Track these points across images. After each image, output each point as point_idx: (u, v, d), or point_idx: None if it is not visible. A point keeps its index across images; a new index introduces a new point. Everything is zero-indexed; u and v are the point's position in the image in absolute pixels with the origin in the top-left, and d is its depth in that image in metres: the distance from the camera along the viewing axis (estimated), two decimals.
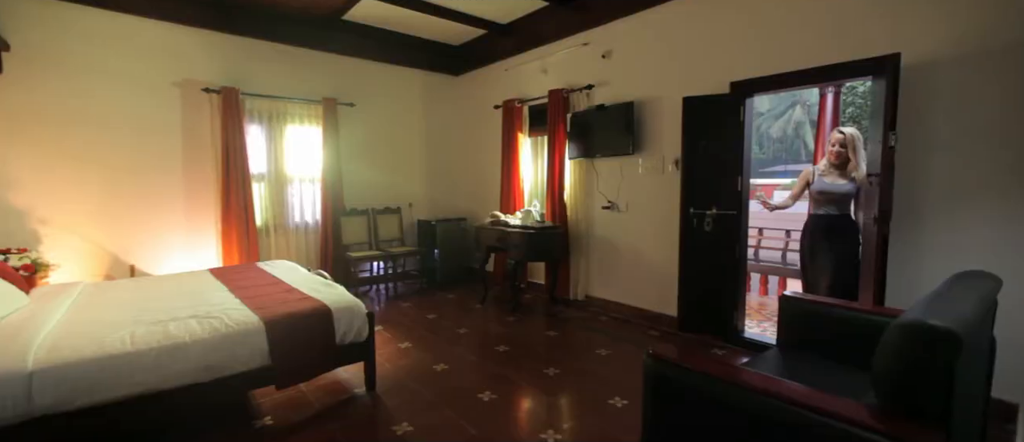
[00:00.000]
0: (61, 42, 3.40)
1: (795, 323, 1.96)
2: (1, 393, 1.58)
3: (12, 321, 2.09)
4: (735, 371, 1.19)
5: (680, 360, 1.26)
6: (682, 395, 1.27)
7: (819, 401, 0.97)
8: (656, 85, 3.57)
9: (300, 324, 2.25)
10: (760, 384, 1.08)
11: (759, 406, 1.06)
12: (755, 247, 5.65)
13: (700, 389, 1.21)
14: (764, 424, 1.06)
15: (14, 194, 3.29)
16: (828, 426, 0.94)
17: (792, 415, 1.00)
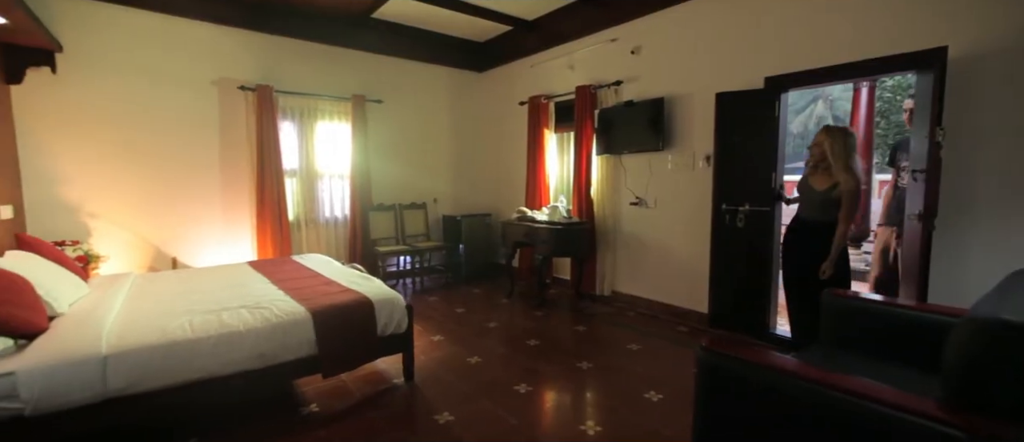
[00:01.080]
0: (109, 43, 3.53)
1: (837, 320, 1.96)
2: (80, 376, 1.68)
3: (80, 308, 2.20)
4: (795, 364, 1.20)
5: (737, 352, 1.28)
6: (738, 387, 1.29)
7: (887, 394, 0.99)
8: (687, 81, 3.55)
9: (344, 315, 2.32)
10: (825, 377, 1.10)
11: (822, 399, 1.08)
12: None
13: (757, 381, 1.23)
14: (826, 417, 1.08)
15: (67, 189, 3.44)
16: (895, 419, 0.95)
17: (857, 408, 1.01)
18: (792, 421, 1.17)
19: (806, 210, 2.62)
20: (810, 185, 2.58)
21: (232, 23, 4.04)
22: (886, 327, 1.80)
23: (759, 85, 3.03)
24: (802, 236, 2.61)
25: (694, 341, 3.20)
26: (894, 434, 0.96)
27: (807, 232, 2.57)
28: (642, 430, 2.10)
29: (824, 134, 2.52)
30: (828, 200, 2.48)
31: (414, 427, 2.16)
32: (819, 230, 2.49)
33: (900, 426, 0.95)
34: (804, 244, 2.57)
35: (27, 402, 1.59)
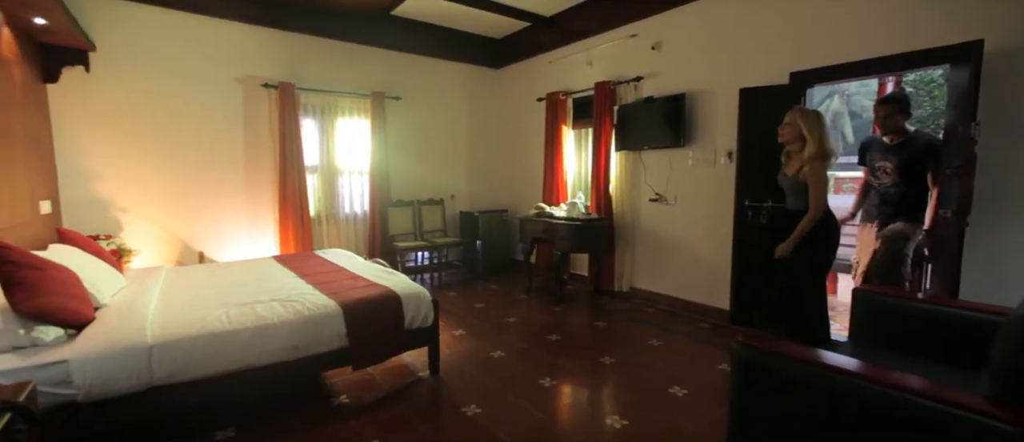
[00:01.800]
0: (139, 42, 3.61)
1: (869, 318, 1.95)
2: (128, 364, 1.74)
3: (121, 300, 2.28)
4: (839, 360, 1.21)
5: (778, 347, 1.29)
6: (776, 382, 1.30)
7: (935, 390, 0.99)
8: (709, 76, 3.53)
9: (373, 309, 2.36)
10: (873, 373, 1.11)
11: (867, 394, 1.09)
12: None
13: (797, 376, 1.24)
14: (871, 412, 1.08)
15: (99, 184, 3.54)
16: (944, 414, 0.96)
17: (904, 403, 1.02)
18: (833, 416, 1.17)
19: (787, 199, 2.63)
20: (784, 173, 2.59)
21: (256, 21, 4.10)
22: (921, 326, 1.79)
23: (784, 80, 3.01)
24: (775, 230, 2.67)
25: (715, 338, 3.20)
26: (942, 429, 0.97)
27: (790, 222, 2.54)
28: (668, 425, 2.11)
29: (797, 114, 2.49)
30: (796, 184, 2.46)
31: (443, 419, 2.20)
32: (797, 218, 2.48)
33: (949, 421, 0.95)
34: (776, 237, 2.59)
35: (80, 388, 1.66)
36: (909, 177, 2.54)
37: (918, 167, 2.51)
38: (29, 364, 1.61)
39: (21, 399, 1.22)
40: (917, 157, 2.50)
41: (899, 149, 2.56)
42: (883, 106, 2.60)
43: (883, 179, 2.64)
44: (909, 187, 2.55)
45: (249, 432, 2.03)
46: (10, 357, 1.63)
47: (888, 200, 2.63)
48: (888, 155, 2.59)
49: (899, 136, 2.56)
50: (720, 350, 2.99)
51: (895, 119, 2.55)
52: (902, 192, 2.57)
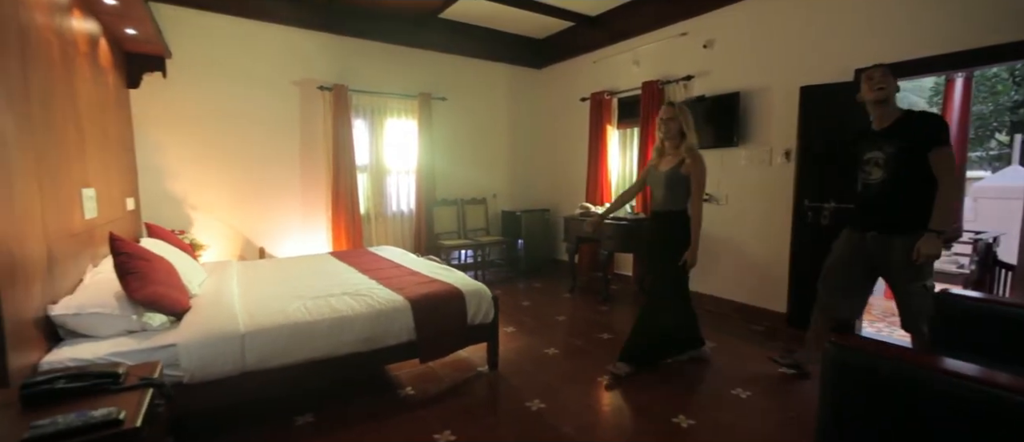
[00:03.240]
0: (208, 48, 3.83)
1: (951, 322, 1.89)
2: (225, 350, 1.87)
3: (207, 290, 2.44)
4: (943, 361, 1.19)
5: (880, 349, 1.28)
6: (872, 383, 1.29)
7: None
8: (765, 74, 3.46)
9: (439, 304, 2.44)
10: (987, 376, 1.09)
11: (977, 395, 1.07)
12: None
13: (898, 376, 1.23)
14: (979, 413, 1.07)
15: (173, 182, 3.77)
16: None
17: (1010, 403, 1.00)
18: (933, 417, 1.16)
19: (656, 200, 2.58)
20: (657, 169, 2.52)
21: (313, 26, 4.27)
22: (1010, 330, 1.72)
23: (848, 77, 2.92)
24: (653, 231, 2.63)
25: (772, 341, 3.14)
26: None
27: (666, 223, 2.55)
28: (738, 427, 2.10)
29: (678, 108, 2.49)
30: (676, 177, 2.45)
31: (508, 412, 2.25)
32: (671, 219, 2.52)
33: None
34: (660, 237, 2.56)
35: (186, 370, 1.79)
36: (907, 169, 2.08)
37: (919, 154, 2.04)
38: (144, 347, 1.75)
39: (155, 376, 1.34)
40: (917, 140, 2.05)
41: (893, 133, 2.12)
42: (880, 67, 2.17)
43: (874, 175, 2.19)
44: (908, 182, 2.08)
45: (326, 419, 2.14)
46: (126, 340, 1.78)
47: (882, 202, 2.17)
48: (879, 143, 2.15)
49: (890, 117, 2.15)
50: (777, 353, 2.93)
51: (889, 82, 2.13)
52: (900, 189, 2.10)
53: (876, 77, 2.15)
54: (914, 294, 2.11)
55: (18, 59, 1.55)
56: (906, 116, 2.15)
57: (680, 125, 2.47)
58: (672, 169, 2.47)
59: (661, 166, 2.51)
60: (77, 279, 2.06)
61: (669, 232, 2.56)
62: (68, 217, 1.97)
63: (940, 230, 2.02)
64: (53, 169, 1.82)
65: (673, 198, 2.51)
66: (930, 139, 2.03)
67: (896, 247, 2.12)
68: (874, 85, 2.15)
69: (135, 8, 2.47)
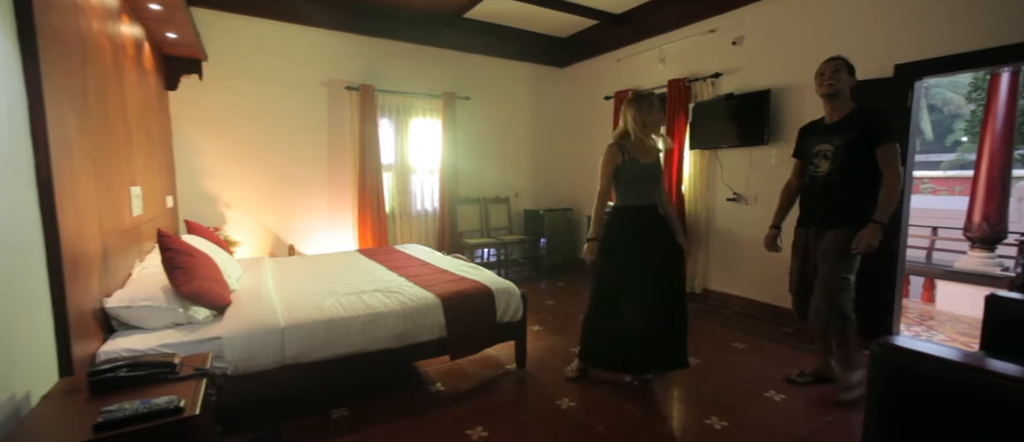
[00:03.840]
0: (242, 51, 3.94)
1: (1000, 325, 1.82)
2: (266, 343, 1.93)
3: (245, 286, 2.51)
4: (998, 364, 1.15)
5: (926, 351, 1.25)
6: (924, 387, 1.25)
7: None
8: (797, 71, 3.38)
9: (469, 302, 2.46)
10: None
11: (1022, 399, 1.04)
12: (928, 249, 5.07)
13: (947, 380, 1.19)
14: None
15: (209, 181, 3.90)
16: None
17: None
18: (983, 421, 1.12)
19: (647, 194, 2.35)
20: (640, 160, 2.31)
21: (341, 27, 4.35)
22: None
23: (888, 73, 2.84)
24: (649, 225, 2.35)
25: (804, 344, 3.07)
26: None
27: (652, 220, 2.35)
28: (772, 429, 2.07)
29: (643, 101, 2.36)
30: (659, 171, 2.39)
31: (539, 410, 2.26)
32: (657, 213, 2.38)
33: None
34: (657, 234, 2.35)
35: (230, 363, 1.85)
36: (853, 162, 2.09)
37: (866, 148, 2.07)
38: (191, 339, 1.82)
39: (207, 367, 1.39)
40: (865, 134, 2.07)
41: (843, 127, 2.13)
42: (831, 62, 2.17)
43: (821, 168, 2.19)
44: (852, 176, 2.11)
45: (360, 413, 2.18)
46: (173, 332, 1.85)
47: (825, 194, 2.18)
48: (829, 136, 2.18)
49: (841, 111, 2.17)
50: (811, 356, 2.87)
51: (840, 76, 2.13)
52: (843, 182, 2.12)
53: (826, 73, 2.18)
54: (836, 286, 2.15)
55: (79, 64, 1.63)
56: (858, 111, 2.16)
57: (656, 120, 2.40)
58: (658, 162, 2.41)
59: (642, 157, 2.36)
60: (126, 274, 2.15)
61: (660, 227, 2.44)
62: (119, 214, 2.06)
63: (882, 222, 2.06)
64: (106, 168, 1.90)
65: (658, 192, 2.42)
66: (879, 134, 2.06)
67: (827, 238, 2.18)
68: (824, 81, 2.19)
69: (177, 13, 2.56)
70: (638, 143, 2.35)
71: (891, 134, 2.06)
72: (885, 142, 2.06)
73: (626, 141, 2.37)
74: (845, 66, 2.16)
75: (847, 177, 2.13)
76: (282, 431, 2.02)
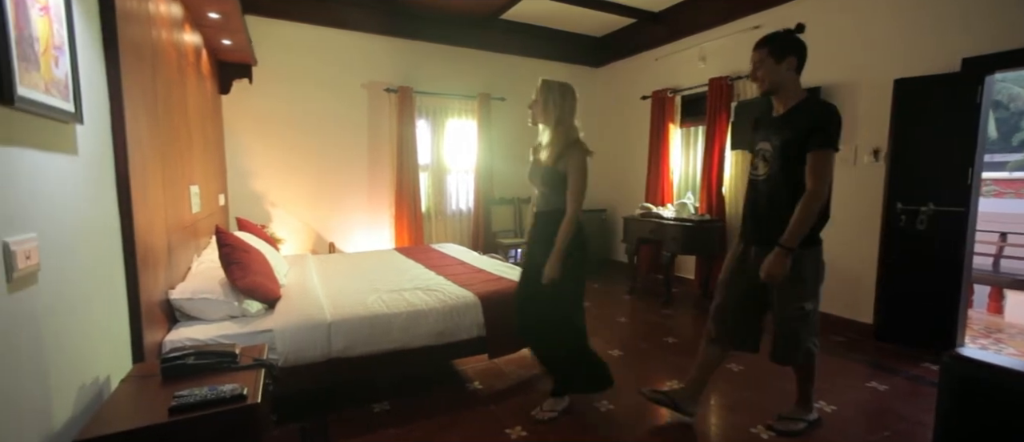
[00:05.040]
0: (288, 55, 4.10)
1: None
2: (313, 337, 2.00)
3: (292, 281, 2.62)
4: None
5: (1001, 364, 1.16)
6: (999, 401, 1.17)
7: None
8: (851, 67, 3.23)
9: (507, 302, 2.47)
10: None
11: None
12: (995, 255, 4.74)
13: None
14: None
15: (256, 181, 4.08)
16: None
17: None
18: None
19: (538, 199, 2.10)
20: (537, 160, 2.05)
21: (381, 31, 4.47)
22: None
23: (954, 68, 2.66)
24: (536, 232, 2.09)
25: (856, 353, 2.92)
26: None
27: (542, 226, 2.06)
28: (823, 440, 1.98)
29: (545, 86, 2.01)
30: (554, 175, 1.99)
31: (577, 412, 2.24)
32: (551, 221, 2.01)
33: None
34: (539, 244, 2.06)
35: (281, 354, 1.93)
36: (791, 168, 1.73)
37: (801, 152, 1.71)
38: (246, 331, 1.90)
39: (265, 358, 1.45)
40: (801, 135, 1.70)
41: (784, 122, 1.76)
42: (754, 53, 1.81)
43: (759, 171, 1.85)
44: (793, 185, 1.73)
45: (401, 408, 2.23)
46: (229, 324, 1.95)
47: (766, 205, 1.82)
48: (771, 133, 1.81)
49: (787, 103, 1.78)
50: (863, 365, 2.74)
51: (763, 68, 1.77)
52: (783, 192, 1.75)
53: (753, 62, 1.81)
54: (789, 318, 1.82)
55: (150, 71, 1.75)
56: (803, 103, 1.77)
57: (543, 108, 2.01)
58: (552, 165, 2.02)
59: (540, 157, 2.08)
60: (186, 267, 2.28)
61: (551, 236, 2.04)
62: (181, 211, 2.19)
63: (789, 247, 1.70)
64: (171, 168, 2.03)
65: (554, 198, 2.06)
66: (810, 136, 1.67)
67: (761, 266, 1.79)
68: (754, 77, 1.83)
69: (234, 21, 2.69)
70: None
71: (825, 139, 1.66)
72: (816, 147, 1.67)
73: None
74: (769, 52, 1.76)
75: (787, 185, 1.74)
76: (328, 423, 2.09)
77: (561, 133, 2.02)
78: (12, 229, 0.92)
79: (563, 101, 2.01)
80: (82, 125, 1.21)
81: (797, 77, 1.78)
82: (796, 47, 1.75)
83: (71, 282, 1.15)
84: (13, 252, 0.91)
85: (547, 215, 2.09)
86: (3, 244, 0.89)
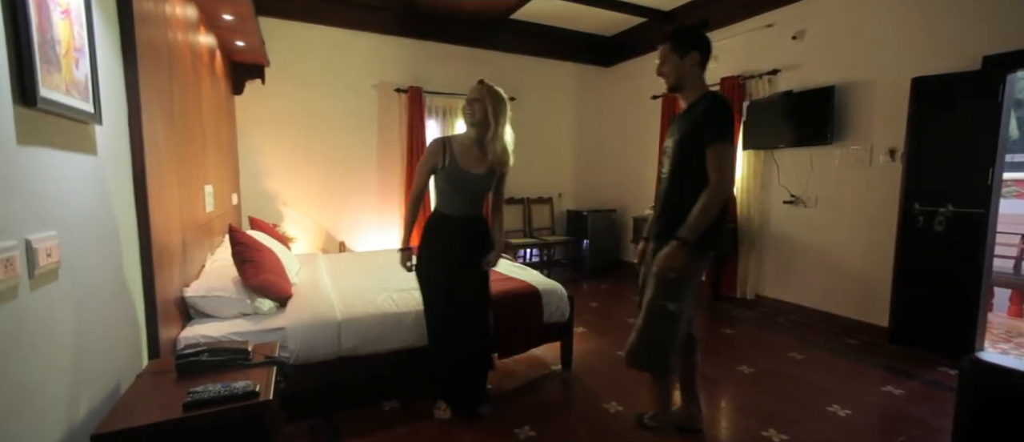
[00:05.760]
0: (300, 56, 4.15)
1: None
2: (324, 335, 2.02)
3: (304, 280, 2.64)
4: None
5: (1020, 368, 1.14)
6: (1019, 404, 1.14)
7: None
8: (866, 65, 3.17)
9: (517, 302, 2.48)
10: None
11: None
12: (1016, 257, 4.63)
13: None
14: None
15: (269, 181, 4.13)
16: None
17: None
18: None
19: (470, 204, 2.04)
20: (465, 170, 1.97)
21: (391, 31, 4.49)
22: None
23: (975, 66, 2.60)
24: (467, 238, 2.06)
25: (870, 356, 2.88)
26: None
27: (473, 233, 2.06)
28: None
29: (485, 89, 1.94)
30: (489, 183, 2.02)
31: (586, 412, 2.24)
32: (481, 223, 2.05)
33: None
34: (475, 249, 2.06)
35: (293, 352, 1.95)
36: (685, 163, 1.68)
37: (696, 147, 1.64)
38: (258, 328, 1.93)
39: (276, 356, 1.47)
40: (696, 130, 1.64)
41: (683, 119, 1.73)
42: (659, 50, 1.77)
43: (664, 168, 1.80)
44: (685, 180, 1.68)
45: (411, 406, 2.24)
46: (242, 321, 1.98)
47: (663, 201, 1.79)
48: (674, 130, 1.77)
49: (691, 97, 1.73)
50: (878, 369, 2.69)
51: (668, 64, 1.72)
52: (677, 187, 1.72)
53: (659, 57, 1.76)
54: (647, 313, 1.73)
55: (166, 72, 1.78)
56: (701, 98, 1.71)
57: (486, 114, 1.96)
58: (487, 174, 2.03)
59: (470, 166, 2.00)
60: (200, 265, 2.32)
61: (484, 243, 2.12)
62: (195, 210, 2.22)
63: (685, 240, 1.62)
64: (186, 168, 2.06)
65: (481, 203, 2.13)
66: (706, 131, 1.62)
67: (657, 256, 1.73)
68: (657, 68, 1.78)
69: (247, 23, 2.73)
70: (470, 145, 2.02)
71: (719, 133, 1.61)
72: (714, 142, 1.61)
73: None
74: (672, 47, 1.71)
75: (680, 181, 1.71)
76: (338, 420, 2.11)
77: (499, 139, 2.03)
78: (34, 227, 0.94)
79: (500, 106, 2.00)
80: (101, 126, 1.24)
81: (700, 73, 1.74)
82: (699, 42, 1.73)
83: (90, 279, 1.18)
84: (35, 250, 0.93)
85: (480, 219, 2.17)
86: (25, 242, 0.91)
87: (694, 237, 1.64)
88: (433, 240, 2.07)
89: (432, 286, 2.06)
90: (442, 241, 2.05)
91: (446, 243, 2.04)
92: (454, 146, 2.02)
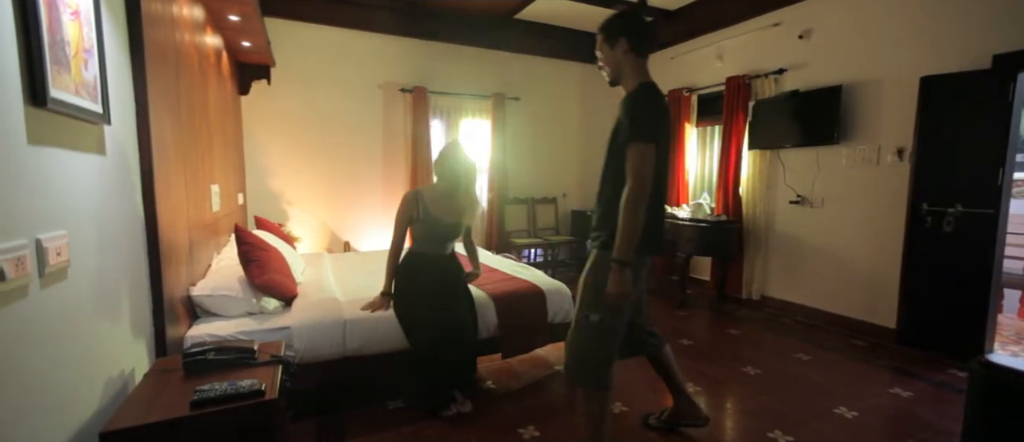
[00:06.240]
0: (306, 56, 4.17)
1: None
2: (329, 335, 2.03)
3: (309, 279, 2.66)
4: None
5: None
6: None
7: None
8: (874, 64, 3.14)
9: (521, 302, 2.48)
10: None
11: None
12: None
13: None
14: None
15: (273, 180, 4.16)
16: None
17: None
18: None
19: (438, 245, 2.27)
20: (436, 217, 2.21)
21: (397, 31, 4.51)
22: None
23: (985, 65, 2.58)
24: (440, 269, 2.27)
25: (878, 358, 2.85)
26: None
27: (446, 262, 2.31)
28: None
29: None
30: (459, 233, 2.31)
31: None
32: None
33: None
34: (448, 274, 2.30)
35: (298, 351, 1.96)
36: (608, 165, 1.57)
37: (617, 146, 1.53)
38: (264, 327, 1.94)
39: (282, 354, 1.47)
40: (618, 126, 1.52)
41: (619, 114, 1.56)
42: (597, 35, 1.62)
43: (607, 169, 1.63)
44: (611, 180, 1.56)
45: (415, 405, 2.24)
46: (248, 320, 1.99)
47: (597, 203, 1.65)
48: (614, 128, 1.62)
49: (630, 88, 1.57)
50: (885, 371, 2.67)
51: (606, 53, 1.58)
52: (603, 188, 1.61)
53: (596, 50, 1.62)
54: (577, 326, 1.61)
55: (174, 73, 1.79)
56: (628, 94, 1.55)
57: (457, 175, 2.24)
58: (457, 223, 2.29)
59: (441, 215, 2.24)
60: (206, 264, 2.34)
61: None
62: (202, 210, 2.24)
63: (621, 261, 1.44)
64: (193, 168, 2.08)
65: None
66: (623, 128, 1.47)
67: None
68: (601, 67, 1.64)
69: (253, 23, 2.75)
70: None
71: (636, 130, 1.44)
72: (630, 140, 1.44)
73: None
74: (604, 38, 1.58)
75: (605, 183, 1.59)
76: (343, 419, 2.12)
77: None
78: (44, 227, 0.95)
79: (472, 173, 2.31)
80: (110, 126, 1.25)
81: (634, 60, 1.55)
82: (627, 27, 1.54)
83: (99, 278, 1.19)
84: (45, 249, 0.94)
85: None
86: (36, 241, 0.92)
87: (630, 254, 1.46)
88: (411, 273, 2.25)
89: (412, 316, 2.17)
90: (417, 272, 2.26)
91: (421, 273, 2.25)
92: (425, 197, 2.26)
